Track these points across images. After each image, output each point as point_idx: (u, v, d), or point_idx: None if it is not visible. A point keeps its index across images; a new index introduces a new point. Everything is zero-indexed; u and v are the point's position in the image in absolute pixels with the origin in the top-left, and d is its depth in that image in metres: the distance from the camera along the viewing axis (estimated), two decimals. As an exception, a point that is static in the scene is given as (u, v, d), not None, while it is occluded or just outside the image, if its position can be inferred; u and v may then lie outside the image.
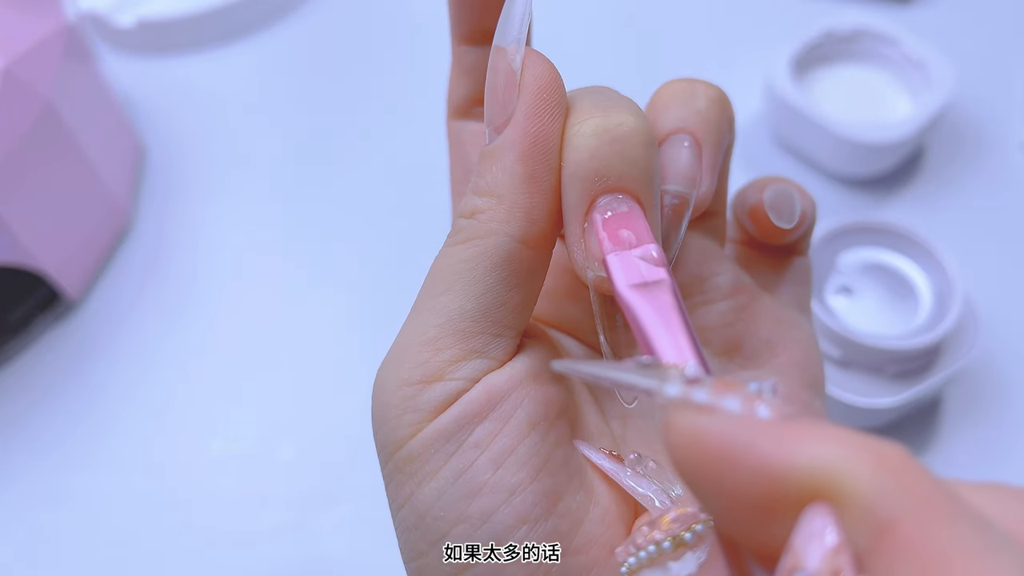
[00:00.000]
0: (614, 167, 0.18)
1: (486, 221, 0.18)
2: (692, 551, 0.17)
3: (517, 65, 0.18)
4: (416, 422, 0.18)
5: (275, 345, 0.45)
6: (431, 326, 0.18)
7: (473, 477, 0.18)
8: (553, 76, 0.19)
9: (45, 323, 0.46)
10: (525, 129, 0.18)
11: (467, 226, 0.19)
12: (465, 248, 0.18)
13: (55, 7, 0.47)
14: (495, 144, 0.19)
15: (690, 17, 0.59)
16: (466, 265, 0.18)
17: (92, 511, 0.40)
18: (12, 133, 0.41)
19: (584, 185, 0.18)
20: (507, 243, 0.18)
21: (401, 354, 0.19)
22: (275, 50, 0.60)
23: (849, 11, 0.58)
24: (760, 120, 0.52)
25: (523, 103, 0.18)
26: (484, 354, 0.18)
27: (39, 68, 0.43)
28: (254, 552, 0.39)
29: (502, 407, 0.18)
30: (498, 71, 0.19)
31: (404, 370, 0.18)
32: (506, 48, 0.19)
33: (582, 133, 0.18)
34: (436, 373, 0.18)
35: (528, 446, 0.18)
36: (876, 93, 0.51)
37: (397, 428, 0.18)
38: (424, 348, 0.18)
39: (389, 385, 0.19)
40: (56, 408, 0.44)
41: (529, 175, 0.18)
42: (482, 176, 0.19)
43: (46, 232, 0.44)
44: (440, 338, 0.18)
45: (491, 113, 0.19)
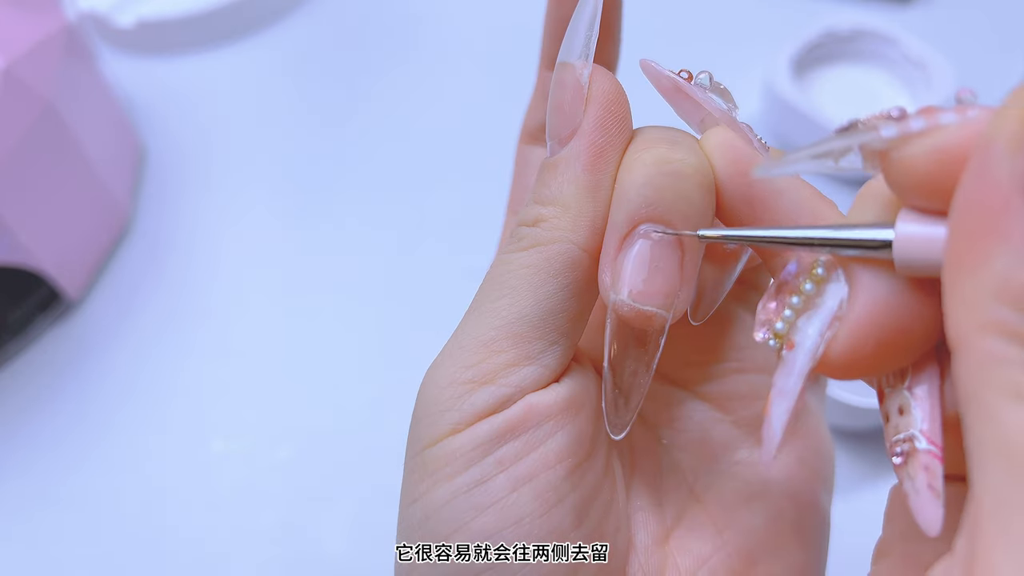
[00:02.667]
0: (665, 198, 0.18)
1: (551, 228, 0.18)
2: (829, 283, 0.17)
3: (584, 79, 0.19)
4: (455, 422, 0.18)
5: (275, 345, 0.45)
6: (489, 328, 0.18)
7: (486, 492, 0.18)
8: (619, 91, 0.19)
9: (45, 323, 0.46)
10: (592, 140, 0.18)
11: (530, 233, 0.19)
12: (529, 254, 0.19)
13: (55, 7, 0.47)
14: (560, 155, 0.19)
15: (690, 17, 0.59)
16: (529, 270, 0.18)
17: (92, 511, 0.40)
18: (12, 133, 0.41)
19: (631, 208, 0.18)
20: (572, 250, 0.18)
21: (456, 352, 0.19)
22: (275, 50, 0.60)
23: (849, 11, 0.58)
24: (760, 120, 0.52)
25: (590, 115, 0.19)
26: (538, 361, 0.18)
27: (39, 68, 0.43)
28: (254, 552, 0.39)
29: (537, 430, 0.18)
30: (565, 85, 0.19)
31: (457, 369, 0.18)
32: (573, 63, 0.19)
33: (642, 160, 0.18)
34: (488, 375, 0.18)
35: (549, 479, 0.18)
36: (876, 93, 0.51)
37: (436, 425, 0.18)
38: (480, 349, 0.18)
39: (441, 381, 0.19)
40: (56, 408, 0.44)
41: (595, 184, 0.18)
42: (546, 186, 0.19)
43: (46, 232, 0.44)
44: (497, 340, 0.18)
45: (556, 126, 0.19)
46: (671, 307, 0.18)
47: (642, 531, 0.20)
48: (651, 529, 0.20)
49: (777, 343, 0.17)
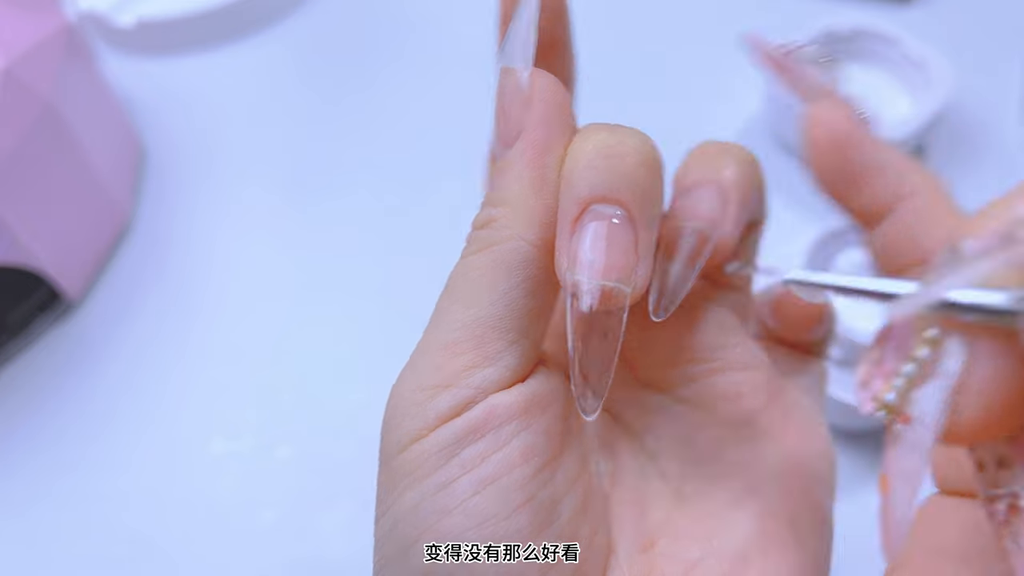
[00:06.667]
0: (607, 178, 0.18)
1: (500, 228, 0.19)
2: (947, 345, 0.15)
3: (525, 83, 0.19)
4: (419, 428, 0.18)
5: (275, 345, 0.45)
6: (449, 331, 0.18)
7: (450, 495, 0.17)
8: (560, 90, 0.19)
9: (45, 323, 0.46)
10: (534, 137, 0.19)
11: (481, 236, 0.19)
12: (481, 256, 0.19)
13: (55, 7, 0.47)
14: (505, 157, 0.19)
15: (690, 17, 0.59)
16: (481, 272, 0.19)
17: (92, 510, 0.40)
18: (12, 133, 0.41)
19: (576, 191, 0.18)
20: (523, 247, 0.18)
21: (419, 359, 0.19)
22: (275, 50, 0.60)
23: (849, 11, 0.58)
24: (760, 120, 0.52)
25: (532, 114, 0.19)
26: (499, 362, 0.18)
27: (39, 68, 0.43)
28: (254, 552, 0.39)
29: (499, 431, 0.18)
30: (507, 90, 0.19)
31: (420, 375, 0.18)
32: (514, 68, 0.19)
33: (583, 148, 0.18)
34: (449, 379, 0.18)
35: (514, 479, 0.18)
36: (876, 93, 0.51)
37: (402, 432, 0.18)
38: (441, 352, 0.18)
39: (404, 389, 0.19)
40: (56, 408, 0.44)
41: (540, 180, 0.19)
42: (494, 189, 0.19)
43: (46, 232, 0.44)
44: (458, 343, 0.18)
45: (502, 131, 0.20)
46: (630, 282, 0.18)
47: (624, 537, 0.20)
48: (634, 535, 0.20)
49: (888, 416, 0.15)
